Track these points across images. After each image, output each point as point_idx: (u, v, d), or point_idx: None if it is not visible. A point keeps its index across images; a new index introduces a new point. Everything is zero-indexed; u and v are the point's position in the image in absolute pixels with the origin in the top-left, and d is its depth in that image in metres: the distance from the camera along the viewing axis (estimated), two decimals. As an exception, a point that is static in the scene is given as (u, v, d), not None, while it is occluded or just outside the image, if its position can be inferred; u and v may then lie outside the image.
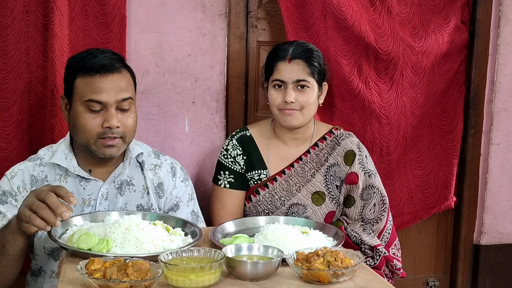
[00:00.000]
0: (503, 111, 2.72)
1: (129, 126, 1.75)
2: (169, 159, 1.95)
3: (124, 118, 1.74)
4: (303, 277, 1.35)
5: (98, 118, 1.71)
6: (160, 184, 1.89)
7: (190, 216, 1.93)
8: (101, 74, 1.71)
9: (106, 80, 1.71)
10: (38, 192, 1.45)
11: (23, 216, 1.45)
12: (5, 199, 1.74)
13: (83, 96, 1.71)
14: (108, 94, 1.70)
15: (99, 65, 1.71)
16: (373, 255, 2.04)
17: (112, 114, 1.71)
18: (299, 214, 2.07)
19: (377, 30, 2.42)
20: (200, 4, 2.33)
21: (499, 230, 2.80)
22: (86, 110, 1.71)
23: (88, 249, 1.40)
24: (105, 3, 2.16)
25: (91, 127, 1.71)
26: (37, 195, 1.45)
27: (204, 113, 2.40)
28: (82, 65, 1.73)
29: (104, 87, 1.70)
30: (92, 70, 1.71)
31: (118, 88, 1.72)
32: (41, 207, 1.43)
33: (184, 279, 1.26)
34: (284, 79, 2.01)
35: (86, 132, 1.72)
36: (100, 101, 1.70)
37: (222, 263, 1.32)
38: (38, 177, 1.78)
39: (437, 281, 2.83)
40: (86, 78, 1.71)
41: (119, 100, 1.72)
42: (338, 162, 2.10)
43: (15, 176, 1.78)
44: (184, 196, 1.93)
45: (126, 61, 1.84)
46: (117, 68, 1.74)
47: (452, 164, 2.66)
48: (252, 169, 2.12)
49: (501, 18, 2.63)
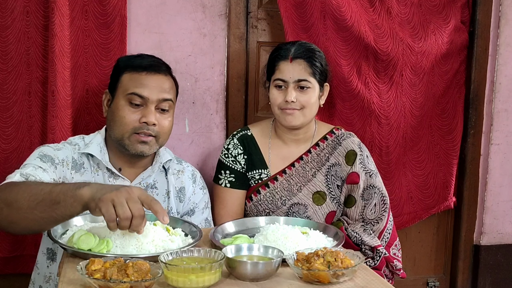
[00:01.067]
0: (503, 112, 2.72)
1: (164, 127, 1.82)
2: (190, 166, 2.03)
3: (161, 119, 1.81)
4: (303, 278, 1.35)
5: (137, 113, 1.78)
6: (182, 188, 1.95)
7: (204, 223, 1.98)
8: (147, 72, 1.80)
9: (151, 78, 1.80)
10: (131, 198, 1.35)
11: (105, 208, 1.34)
12: (45, 160, 1.74)
13: (126, 90, 1.79)
14: (151, 91, 1.78)
15: (147, 64, 1.82)
16: (373, 256, 2.04)
17: (151, 110, 1.78)
18: (299, 214, 2.07)
19: (376, 30, 2.42)
20: (200, 4, 2.33)
21: (499, 230, 2.81)
22: (127, 103, 1.78)
23: (88, 249, 1.41)
24: (105, 4, 2.16)
25: (129, 120, 1.77)
26: (129, 199, 1.35)
27: (204, 114, 2.40)
28: (130, 63, 1.84)
29: (148, 84, 1.79)
30: (140, 68, 1.81)
31: (161, 88, 1.80)
32: (125, 217, 1.34)
33: (184, 280, 1.26)
34: (286, 79, 2.02)
35: (123, 125, 1.77)
36: (142, 95, 1.77)
37: (222, 263, 1.32)
38: (78, 161, 1.82)
39: (437, 281, 2.83)
40: (132, 74, 1.80)
41: (160, 99, 1.79)
42: (339, 162, 2.10)
43: (61, 150, 1.80)
44: (201, 203, 1.99)
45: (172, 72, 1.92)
46: (163, 70, 1.84)
47: (452, 164, 2.66)
48: (253, 169, 2.12)
49: (501, 19, 2.63)
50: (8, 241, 2.20)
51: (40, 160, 1.72)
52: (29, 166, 1.68)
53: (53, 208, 1.41)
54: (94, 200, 1.36)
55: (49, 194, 1.41)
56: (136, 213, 1.35)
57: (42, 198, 1.41)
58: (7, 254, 2.20)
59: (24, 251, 2.22)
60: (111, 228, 1.36)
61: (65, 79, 2.10)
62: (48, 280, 1.84)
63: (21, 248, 2.22)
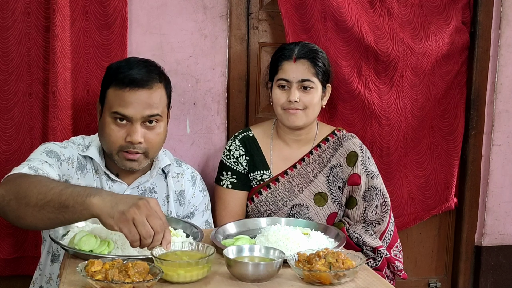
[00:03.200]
0: (504, 112, 2.72)
1: (152, 142, 1.74)
2: (190, 168, 1.99)
3: (149, 134, 1.73)
4: (305, 279, 1.35)
5: (122, 131, 1.71)
6: (182, 191, 1.92)
7: (204, 225, 1.95)
8: (130, 88, 1.70)
9: (134, 95, 1.70)
10: (151, 214, 1.31)
11: (126, 228, 1.29)
12: (51, 155, 1.71)
13: (111, 107, 1.72)
14: (135, 109, 1.70)
15: (130, 79, 1.70)
16: (375, 257, 2.04)
17: (136, 129, 1.70)
18: (301, 215, 2.07)
19: (376, 31, 2.42)
20: (201, 5, 2.33)
21: (500, 231, 2.80)
22: (113, 121, 1.72)
23: (90, 250, 1.40)
24: (106, 5, 2.16)
25: (115, 138, 1.72)
26: (149, 216, 1.31)
27: (205, 115, 2.40)
28: (115, 75, 1.73)
29: (131, 102, 1.70)
30: (123, 83, 1.70)
31: (146, 104, 1.71)
32: (148, 236, 1.30)
33: (173, 274, 1.29)
34: (289, 79, 2.02)
35: (109, 143, 1.73)
36: (126, 115, 1.70)
37: (211, 259, 1.34)
38: (82, 161, 1.80)
39: (439, 282, 2.83)
40: (116, 90, 1.72)
41: (145, 116, 1.71)
42: (340, 163, 2.10)
43: (67, 147, 1.78)
44: (201, 206, 1.96)
45: (164, 74, 1.81)
46: (147, 84, 1.72)
47: (453, 165, 2.66)
48: (254, 170, 2.12)
49: (502, 19, 2.63)
50: (9, 242, 2.20)
51: (46, 155, 1.70)
52: (36, 160, 1.65)
53: (60, 211, 1.37)
54: (111, 217, 1.31)
55: (58, 196, 1.38)
56: (158, 229, 1.31)
57: (51, 198, 1.38)
58: (8, 255, 2.20)
59: (25, 253, 2.22)
60: (134, 247, 1.33)
61: (66, 80, 2.11)
62: (49, 281, 1.83)
63: (21, 250, 2.22)
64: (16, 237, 2.19)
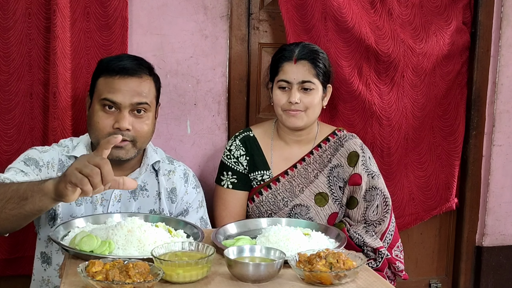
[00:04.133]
0: (505, 113, 2.72)
1: (140, 131, 1.78)
2: (182, 166, 1.98)
3: (137, 123, 1.77)
4: (305, 279, 1.35)
5: (110, 118, 1.75)
6: (173, 189, 1.91)
7: (199, 222, 1.95)
8: (120, 75, 1.76)
9: (124, 82, 1.76)
10: (89, 157, 1.34)
11: (74, 177, 1.31)
12: (29, 163, 1.75)
13: (100, 95, 1.76)
14: (123, 96, 1.75)
15: (120, 67, 1.77)
16: (376, 257, 2.04)
17: (124, 116, 1.74)
18: (302, 215, 2.07)
19: (377, 32, 2.42)
20: (202, 6, 2.33)
21: (501, 231, 2.80)
22: (101, 109, 1.76)
23: (90, 251, 1.41)
24: (107, 6, 2.16)
25: (103, 125, 1.75)
26: (90, 159, 1.33)
27: (206, 115, 2.40)
28: (106, 66, 1.79)
29: (120, 88, 1.75)
30: (113, 71, 1.76)
31: (135, 92, 1.76)
32: (95, 173, 1.30)
33: (172, 274, 1.30)
34: (290, 80, 2.02)
35: (97, 130, 1.76)
36: (114, 101, 1.74)
37: (210, 259, 1.34)
38: (66, 162, 1.81)
39: (439, 282, 2.83)
40: (106, 78, 1.77)
41: (133, 103, 1.76)
42: (341, 163, 2.10)
43: (47, 152, 1.80)
44: (194, 203, 1.95)
45: (154, 70, 1.87)
46: (137, 73, 1.78)
47: (454, 165, 2.66)
48: (255, 170, 2.12)
49: (503, 20, 2.63)
50: (8, 242, 2.20)
51: (24, 163, 1.74)
52: (11, 170, 1.70)
53: (21, 205, 1.43)
54: (61, 181, 1.35)
55: (16, 192, 1.43)
56: (101, 163, 1.31)
57: (10, 196, 1.44)
58: (8, 255, 2.20)
59: (24, 253, 2.22)
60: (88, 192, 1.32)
61: (66, 80, 2.11)
62: (48, 283, 1.83)
63: (21, 250, 2.22)
64: (16, 237, 2.19)
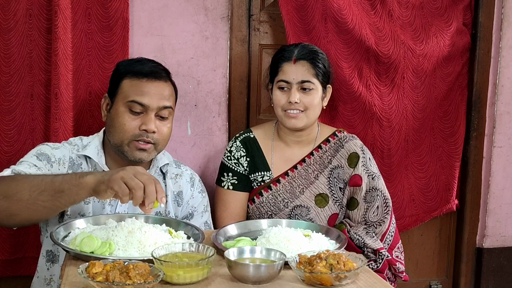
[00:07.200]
0: (506, 114, 2.72)
1: (163, 134, 1.82)
2: (189, 170, 2.01)
3: (161, 126, 1.81)
4: (306, 280, 1.35)
5: (137, 120, 1.78)
6: (180, 192, 1.94)
7: (203, 226, 1.96)
8: (148, 78, 1.80)
9: (152, 85, 1.79)
10: (138, 172, 1.41)
11: (117, 186, 1.38)
12: (41, 158, 1.75)
13: (127, 97, 1.78)
14: (151, 99, 1.78)
15: (148, 71, 1.81)
16: (376, 259, 2.04)
17: (151, 118, 1.78)
18: (302, 216, 2.07)
19: (377, 33, 2.42)
20: (203, 7, 2.33)
21: (502, 233, 2.80)
22: (127, 111, 1.78)
23: (91, 252, 1.41)
24: (108, 7, 2.17)
25: (129, 127, 1.77)
26: (136, 173, 1.40)
27: (207, 116, 2.41)
28: (131, 68, 1.82)
29: (149, 91, 1.78)
30: (141, 74, 1.80)
31: (162, 95, 1.80)
32: (138, 187, 1.38)
33: (172, 275, 1.30)
34: (289, 80, 2.02)
35: (122, 132, 1.77)
36: (143, 103, 1.77)
37: (211, 260, 1.34)
38: (76, 161, 1.82)
39: (440, 284, 2.83)
40: (133, 80, 1.80)
41: (160, 107, 1.79)
42: (341, 164, 2.10)
43: (59, 148, 1.81)
44: (200, 207, 1.97)
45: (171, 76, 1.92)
46: (163, 77, 1.83)
47: (454, 167, 2.66)
48: (255, 171, 2.12)
49: (503, 21, 2.63)
50: (9, 243, 2.20)
51: (36, 158, 1.74)
52: (24, 164, 1.70)
53: (56, 197, 1.45)
54: (103, 183, 1.40)
55: (51, 184, 1.45)
56: (147, 181, 1.39)
57: (44, 187, 1.45)
58: (9, 256, 2.21)
59: (25, 253, 2.22)
60: (124, 202, 1.39)
61: (67, 81, 2.11)
62: (50, 283, 1.83)
63: (22, 251, 2.22)
64: (17, 238, 2.20)
